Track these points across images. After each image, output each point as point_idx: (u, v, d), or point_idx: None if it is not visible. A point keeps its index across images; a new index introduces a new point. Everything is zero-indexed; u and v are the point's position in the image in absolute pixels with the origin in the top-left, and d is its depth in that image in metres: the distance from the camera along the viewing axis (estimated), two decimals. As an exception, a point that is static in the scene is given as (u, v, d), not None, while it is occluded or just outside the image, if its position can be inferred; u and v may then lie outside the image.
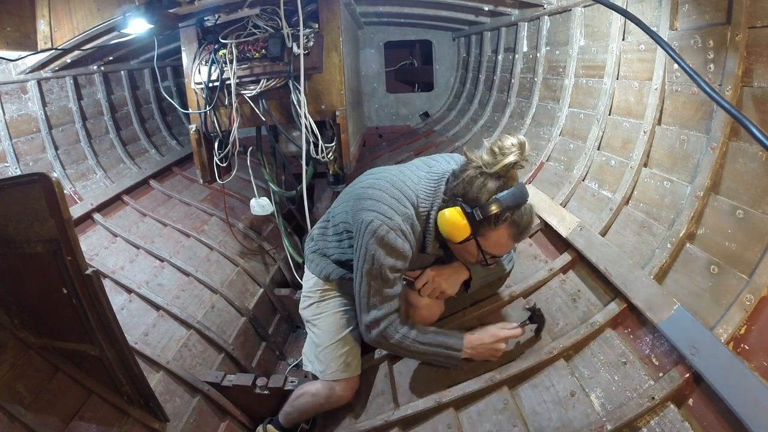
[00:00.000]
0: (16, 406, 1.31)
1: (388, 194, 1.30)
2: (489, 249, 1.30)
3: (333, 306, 1.59)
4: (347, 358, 1.55)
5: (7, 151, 2.28)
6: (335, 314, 1.58)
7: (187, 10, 1.92)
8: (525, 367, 1.37)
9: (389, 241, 1.27)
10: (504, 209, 1.21)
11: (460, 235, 1.27)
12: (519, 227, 1.25)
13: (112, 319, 1.30)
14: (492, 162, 1.22)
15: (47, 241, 1.22)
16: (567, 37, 2.05)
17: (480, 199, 1.23)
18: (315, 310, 1.61)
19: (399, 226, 1.28)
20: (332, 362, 1.54)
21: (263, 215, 2.57)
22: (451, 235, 1.28)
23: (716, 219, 1.19)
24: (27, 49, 2.16)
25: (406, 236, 1.30)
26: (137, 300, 2.03)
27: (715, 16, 1.25)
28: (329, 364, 1.55)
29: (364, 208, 1.30)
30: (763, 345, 0.98)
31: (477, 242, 1.28)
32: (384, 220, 1.27)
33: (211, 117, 2.14)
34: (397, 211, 1.29)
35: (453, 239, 1.29)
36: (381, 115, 4.08)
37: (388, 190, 1.31)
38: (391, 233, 1.27)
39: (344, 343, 1.55)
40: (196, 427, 1.65)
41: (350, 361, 1.55)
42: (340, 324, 1.56)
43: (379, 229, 1.26)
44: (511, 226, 1.25)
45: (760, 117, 1.11)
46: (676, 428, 1.05)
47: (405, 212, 1.30)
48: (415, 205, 1.32)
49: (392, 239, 1.27)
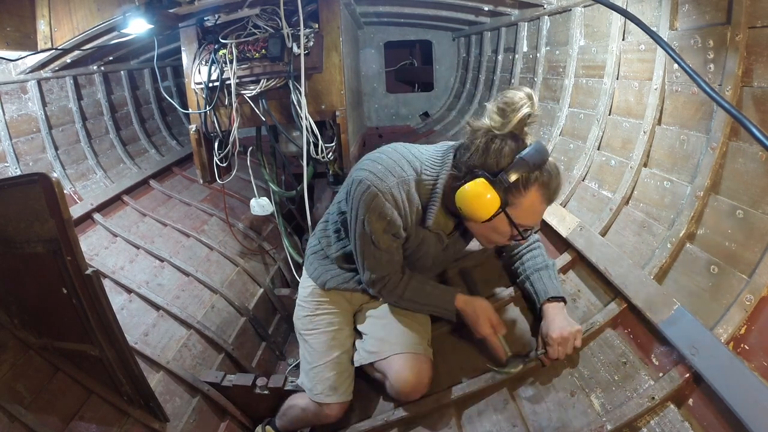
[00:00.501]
0: (16, 406, 1.31)
1: (387, 155, 1.22)
2: (521, 220, 1.16)
3: (326, 323, 1.50)
4: (334, 382, 1.44)
5: (7, 151, 2.28)
6: (327, 333, 1.49)
7: (187, 10, 1.92)
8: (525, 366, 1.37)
9: (377, 206, 1.17)
10: (532, 167, 1.09)
11: (489, 210, 1.12)
12: (550, 187, 1.14)
13: (112, 319, 1.30)
14: (504, 121, 1.09)
15: (47, 241, 1.22)
16: (567, 37, 2.05)
17: (501, 162, 1.10)
18: (308, 324, 1.52)
19: (390, 190, 1.17)
20: (319, 384, 1.45)
21: (263, 215, 2.57)
22: (478, 211, 1.12)
23: (716, 219, 1.19)
24: (27, 49, 2.16)
25: (396, 203, 1.19)
26: (137, 300, 2.03)
27: (715, 16, 1.25)
28: (316, 385, 1.46)
29: (359, 167, 1.22)
30: (763, 345, 0.98)
31: (507, 214, 1.14)
32: (374, 181, 1.16)
33: (211, 117, 2.14)
34: (393, 172, 1.19)
35: (480, 216, 1.13)
36: (381, 115, 4.08)
37: (388, 152, 1.23)
38: (379, 197, 1.16)
39: (333, 366, 1.45)
40: (196, 427, 1.65)
41: (338, 386, 1.44)
42: (331, 345, 1.47)
43: (368, 192, 1.17)
44: (542, 186, 1.12)
45: (760, 117, 1.11)
46: (676, 428, 1.05)
47: (402, 175, 1.19)
48: (418, 171, 1.22)
49: (380, 204, 1.17)
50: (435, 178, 1.22)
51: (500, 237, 1.23)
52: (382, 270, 1.31)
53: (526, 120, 1.10)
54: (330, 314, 1.51)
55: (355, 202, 1.21)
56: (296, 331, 1.58)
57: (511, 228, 1.18)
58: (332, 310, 1.51)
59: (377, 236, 1.22)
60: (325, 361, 1.46)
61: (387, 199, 1.18)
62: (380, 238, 1.23)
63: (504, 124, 1.10)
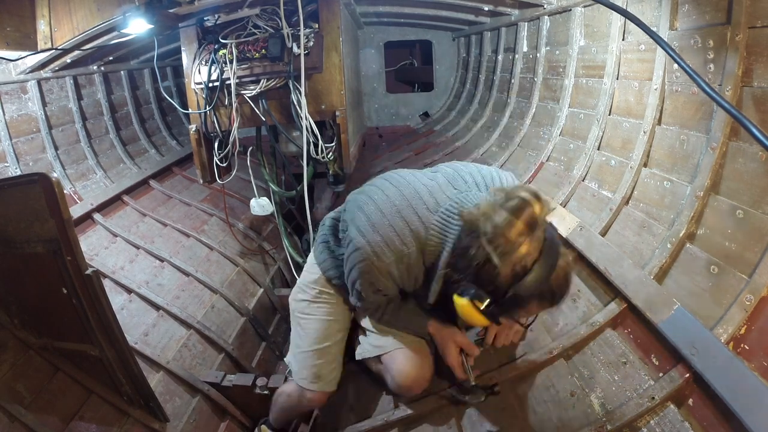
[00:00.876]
0: (16, 406, 1.31)
1: (389, 222, 1.14)
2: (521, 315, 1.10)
3: (323, 312, 1.49)
4: (320, 371, 1.45)
5: (7, 151, 2.28)
6: (322, 321, 1.48)
7: (187, 10, 1.92)
8: (525, 367, 1.37)
9: (371, 278, 1.18)
10: (528, 297, 0.98)
11: (482, 323, 1.08)
12: (553, 298, 1.01)
13: (112, 319, 1.30)
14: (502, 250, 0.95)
15: (47, 241, 1.22)
16: (567, 37, 2.05)
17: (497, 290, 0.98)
18: (305, 309, 1.52)
19: (387, 268, 1.14)
20: (304, 369, 1.47)
21: (263, 215, 2.57)
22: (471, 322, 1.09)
23: (716, 219, 1.19)
24: (27, 49, 2.16)
25: (393, 277, 1.18)
26: (137, 300, 2.03)
27: (715, 16, 1.25)
28: (300, 370, 1.48)
29: (358, 225, 1.17)
30: (763, 345, 0.98)
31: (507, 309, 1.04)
32: (371, 257, 1.13)
33: (211, 117, 2.14)
34: (391, 247, 1.13)
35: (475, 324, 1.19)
36: (381, 115, 4.08)
37: (392, 216, 1.14)
38: (374, 273, 1.15)
39: (322, 354, 1.46)
40: (196, 427, 1.65)
41: (323, 375, 1.46)
42: (324, 334, 1.47)
43: (364, 263, 1.15)
44: (543, 300, 1.01)
45: (760, 117, 1.11)
46: (676, 428, 1.05)
47: (401, 251, 1.13)
48: (422, 240, 1.14)
49: (374, 278, 1.17)
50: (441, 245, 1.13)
51: None
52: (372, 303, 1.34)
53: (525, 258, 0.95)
54: (329, 305, 1.50)
55: (349, 265, 1.22)
56: (291, 311, 1.56)
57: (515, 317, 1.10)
58: (332, 302, 1.51)
59: (367, 295, 1.26)
60: (315, 348, 1.47)
61: (382, 273, 1.16)
62: (370, 297, 1.27)
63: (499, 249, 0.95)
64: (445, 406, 1.41)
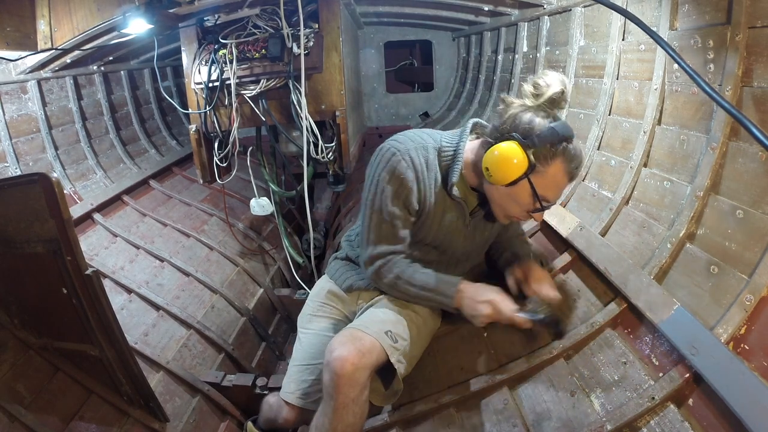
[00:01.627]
0: (16, 406, 1.31)
1: (407, 133, 1.30)
2: (543, 191, 1.16)
3: (323, 327, 1.44)
4: (309, 388, 1.36)
5: (7, 151, 2.28)
6: (320, 337, 1.41)
7: (187, 10, 1.92)
8: (525, 367, 1.37)
9: (393, 163, 1.21)
10: (560, 138, 1.12)
11: (515, 172, 1.13)
12: (574, 161, 1.15)
13: (112, 319, 1.30)
14: (537, 94, 1.15)
15: (47, 241, 1.22)
16: (567, 37, 2.05)
17: (533, 129, 1.12)
18: (306, 323, 1.47)
19: (408, 152, 1.22)
20: (292, 383, 1.39)
21: (263, 215, 2.57)
22: (504, 171, 1.13)
23: (716, 219, 1.19)
24: (27, 49, 2.16)
25: (414, 165, 1.22)
26: (137, 300, 2.03)
27: (715, 16, 1.25)
28: (288, 383, 1.39)
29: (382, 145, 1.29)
30: (763, 345, 0.98)
31: (530, 181, 1.15)
32: (394, 145, 1.24)
33: (211, 117, 2.14)
34: (412, 140, 1.25)
35: (504, 177, 1.14)
36: (381, 115, 4.08)
37: (407, 132, 1.31)
38: (397, 156, 1.22)
39: (314, 371, 1.36)
40: (196, 427, 1.65)
41: (310, 391, 1.35)
42: (319, 350, 1.32)
43: (387, 151, 1.23)
44: (568, 158, 1.14)
45: (760, 117, 1.11)
46: (676, 428, 1.05)
47: (420, 143, 1.25)
48: (437, 141, 1.28)
49: (396, 162, 1.21)
50: (455, 146, 1.27)
51: (518, 209, 1.22)
52: (386, 243, 1.27)
53: (559, 98, 1.15)
54: (330, 319, 1.46)
55: (373, 164, 1.26)
56: None
57: (532, 199, 1.17)
58: (334, 316, 1.47)
59: (388, 199, 1.23)
60: (308, 363, 1.39)
61: (404, 158, 1.22)
62: (390, 202, 1.23)
63: (537, 97, 1.16)
64: (445, 406, 1.41)
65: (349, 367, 1.12)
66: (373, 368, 1.18)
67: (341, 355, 1.13)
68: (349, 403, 1.14)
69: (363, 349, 1.16)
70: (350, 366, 1.12)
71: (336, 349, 1.15)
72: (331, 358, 1.14)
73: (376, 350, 1.18)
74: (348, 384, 1.13)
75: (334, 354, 1.14)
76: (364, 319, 1.30)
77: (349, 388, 1.13)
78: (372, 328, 1.22)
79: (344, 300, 1.47)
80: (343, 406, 1.13)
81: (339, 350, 1.14)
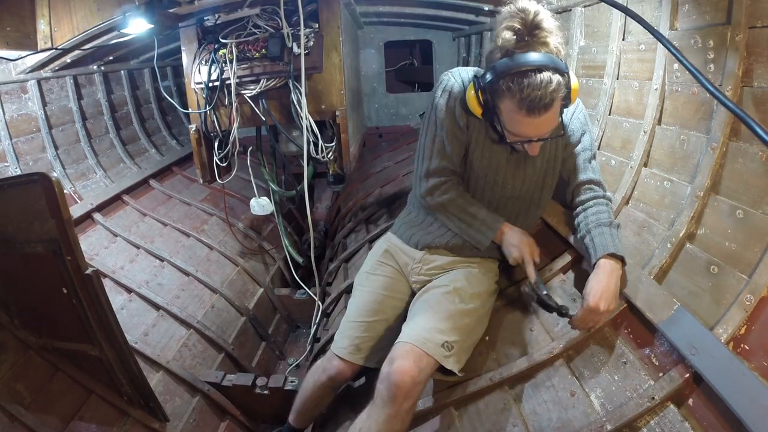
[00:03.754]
0: (16, 406, 1.31)
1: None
2: (509, 125, 1.23)
3: (378, 285, 1.49)
4: (361, 343, 1.41)
5: (7, 150, 2.28)
6: (375, 295, 1.47)
7: (187, 10, 1.92)
8: (525, 367, 1.37)
9: (443, 80, 1.36)
10: (500, 73, 1.14)
11: (477, 110, 1.26)
12: (520, 94, 1.13)
13: (112, 319, 1.30)
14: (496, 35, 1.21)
15: (47, 241, 1.22)
16: (567, 37, 2.05)
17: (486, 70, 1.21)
18: (363, 281, 1.52)
19: (458, 71, 1.36)
20: (345, 338, 1.43)
21: (263, 215, 2.57)
22: (473, 111, 1.27)
23: (716, 219, 1.19)
24: (27, 49, 2.16)
25: (461, 77, 1.35)
26: (137, 300, 2.03)
27: (715, 16, 1.25)
28: (342, 339, 1.44)
29: None
30: (763, 345, 0.98)
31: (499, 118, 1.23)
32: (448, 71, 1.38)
33: (211, 117, 2.14)
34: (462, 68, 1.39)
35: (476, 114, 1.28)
36: (381, 115, 4.08)
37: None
38: (447, 74, 1.37)
39: (367, 328, 1.43)
40: (196, 427, 1.65)
41: (363, 348, 1.41)
42: (373, 308, 1.44)
43: (442, 76, 1.38)
44: (512, 93, 1.14)
45: (760, 117, 1.11)
46: (676, 428, 1.05)
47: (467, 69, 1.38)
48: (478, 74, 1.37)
49: (446, 79, 1.36)
50: None
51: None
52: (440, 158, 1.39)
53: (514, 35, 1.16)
54: (386, 278, 1.50)
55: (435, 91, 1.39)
56: None
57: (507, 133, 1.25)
58: (390, 275, 1.50)
59: (440, 111, 1.35)
60: (363, 320, 1.44)
61: (453, 75, 1.36)
62: (442, 113, 1.35)
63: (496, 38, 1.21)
64: (445, 406, 1.41)
65: (409, 381, 1.17)
66: (428, 380, 1.26)
67: (402, 368, 1.18)
68: (401, 413, 1.18)
69: (422, 364, 1.20)
70: (410, 380, 1.18)
71: (396, 360, 1.20)
72: (391, 370, 1.19)
73: (432, 365, 1.23)
74: (405, 396, 1.17)
75: (394, 365, 1.19)
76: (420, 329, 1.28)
77: (405, 399, 1.18)
78: (429, 344, 1.24)
79: (402, 260, 1.52)
80: (395, 415, 1.18)
81: (399, 362, 1.20)
